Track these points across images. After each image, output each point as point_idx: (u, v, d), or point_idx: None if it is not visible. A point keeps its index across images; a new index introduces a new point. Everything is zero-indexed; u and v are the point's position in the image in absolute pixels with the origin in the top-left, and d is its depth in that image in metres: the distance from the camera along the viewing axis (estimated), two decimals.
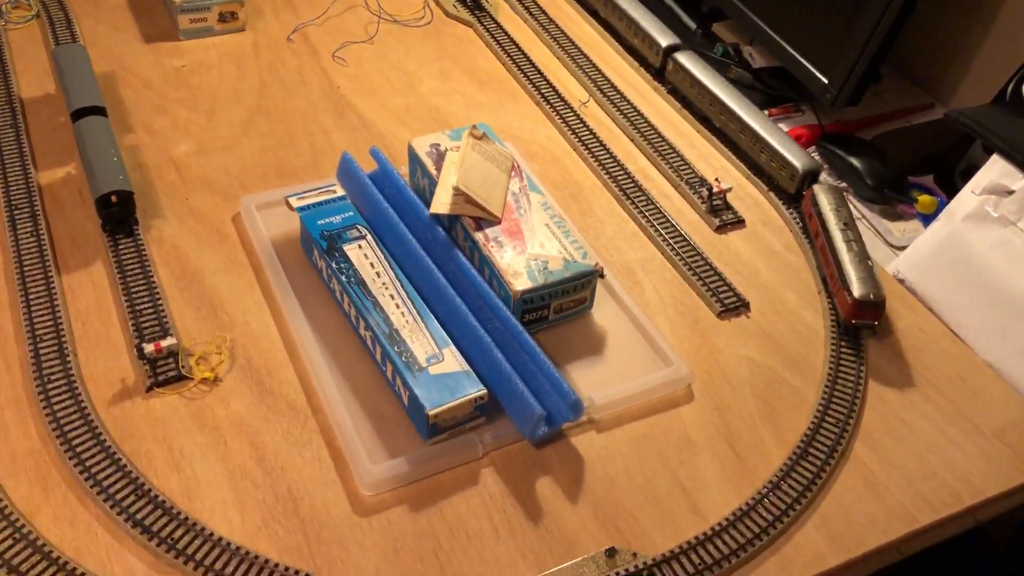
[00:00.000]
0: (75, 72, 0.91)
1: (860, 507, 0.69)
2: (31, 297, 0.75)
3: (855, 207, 0.97)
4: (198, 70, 1.03)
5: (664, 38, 1.07)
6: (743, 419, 0.74)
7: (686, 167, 0.96)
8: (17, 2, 1.08)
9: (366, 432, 0.69)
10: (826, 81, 1.00)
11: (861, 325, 0.79)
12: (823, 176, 0.92)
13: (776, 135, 0.95)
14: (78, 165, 0.89)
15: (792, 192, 0.93)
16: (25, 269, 0.77)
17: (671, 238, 0.88)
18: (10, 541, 0.60)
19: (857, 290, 0.78)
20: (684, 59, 1.04)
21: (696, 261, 0.86)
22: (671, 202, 0.93)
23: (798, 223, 0.91)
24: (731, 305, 0.83)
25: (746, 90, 1.07)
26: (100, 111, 0.88)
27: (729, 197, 0.93)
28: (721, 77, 1.02)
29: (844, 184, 1.00)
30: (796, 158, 0.92)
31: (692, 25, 1.22)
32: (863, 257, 0.81)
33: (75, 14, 1.08)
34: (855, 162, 0.98)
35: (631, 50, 1.12)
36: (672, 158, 0.97)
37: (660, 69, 1.08)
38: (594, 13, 1.18)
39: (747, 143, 0.97)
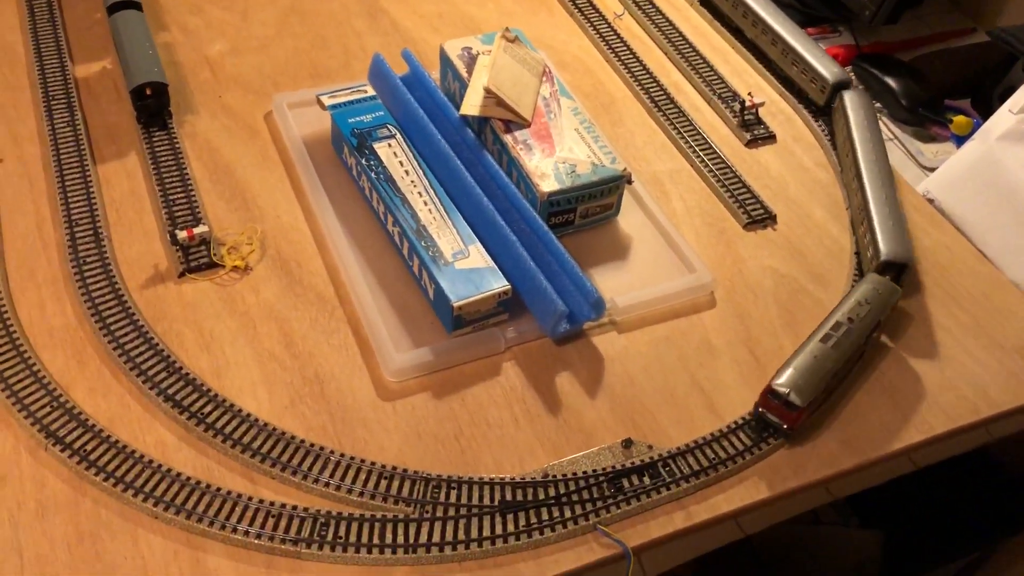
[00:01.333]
0: None
1: (877, 415, 0.69)
2: (67, 184, 0.77)
3: (886, 126, 0.96)
4: None
5: None
6: (764, 326, 0.74)
7: (719, 81, 0.96)
8: None
9: (392, 322, 0.71)
10: None
11: (768, 419, 0.66)
12: (874, 276, 0.73)
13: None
14: (113, 60, 0.90)
15: (821, 104, 0.92)
16: (62, 158, 0.79)
17: (701, 150, 0.88)
18: (48, 409, 0.62)
19: (780, 378, 0.65)
20: None
21: (725, 173, 0.86)
22: (702, 115, 0.93)
23: (828, 140, 0.90)
24: (758, 217, 0.83)
25: (784, 8, 1.05)
26: (135, 5, 0.88)
27: (761, 112, 0.92)
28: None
29: (879, 104, 0.98)
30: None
31: None
32: (829, 357, 0.66)
33: None
34: (890, 81, 0.97)
35: None
36: (705, 72, 0.96)
37: None
38: None
39: (777, 54, 0.96)
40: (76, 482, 0.59)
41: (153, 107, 0.82)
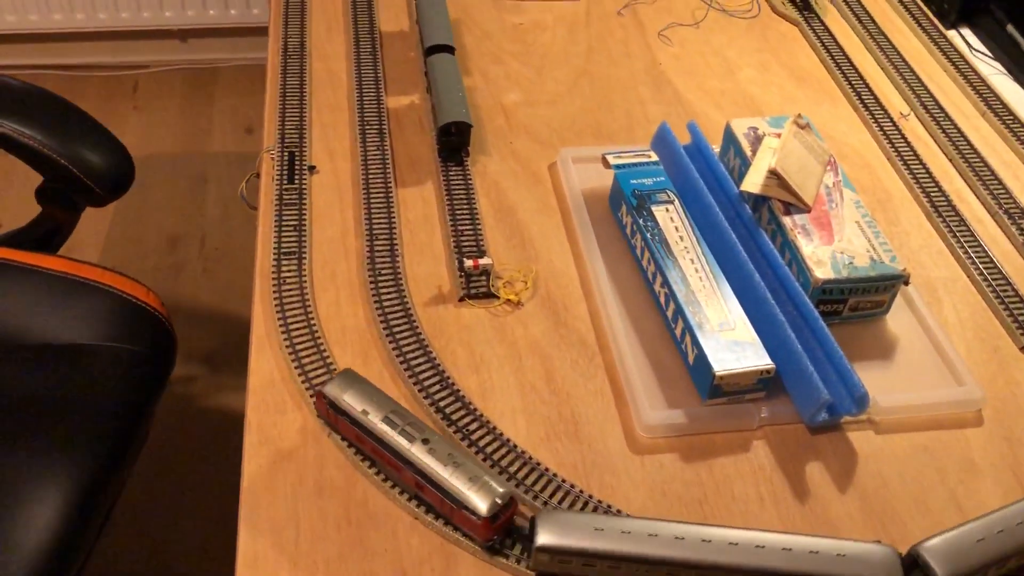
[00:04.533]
0: (433, 13, 1.01)
1: None
2: (372, 201, 0.85)
3: None
4: (533, 29, 1.10)
5: None
6: None
7: (1007, 196, 0.92)
8: None
9: (648, 378, 0.73)
10: None
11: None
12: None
13: None
14: (421, 96, 0.98)
15: None
16: (370, 177, 0.87)
17: (981, 263, 0.85)
18: None
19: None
20: None
21: (1005, 291, 0.82)
22: (984, 228, 0.90)
23: None
24: None
25: None
26: (450, 50, 0.96)
27: None
28: None
29: None
30: None
31: None
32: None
33: None
34: None
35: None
36: (992, 184, 0.93)
37: None
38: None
39: None
40: (350, 471, 0.65)
41: (455, 144, 0.89)
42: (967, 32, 1.24)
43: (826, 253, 0.77)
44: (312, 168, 0.88)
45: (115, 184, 1.00)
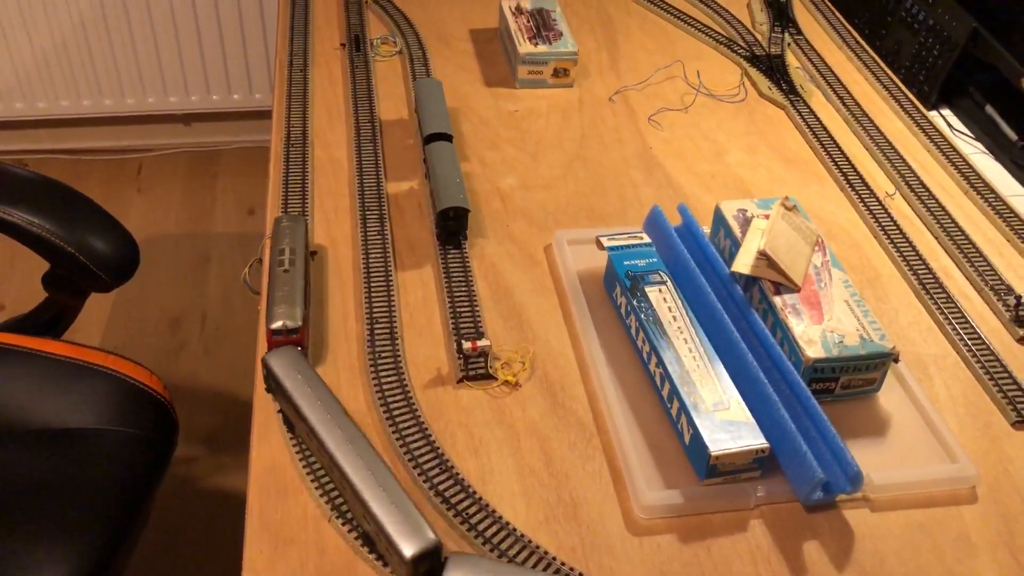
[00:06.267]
0: (431, 102, 1.04)
1: None
2: (372, 285, 0.87)
3: None
4: (528, 116, 1.14)
5: None
6: None
7: (992, 273, 0.94)
8: (385, 39, 1.25)
9: (645, 459, 0.74)
10: None
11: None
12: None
13: None
14: (420, 182, 1.01)
15: None
16: (371, 262, 0.89)
17: (970, 339, 0.86)
18: (335, 485, 0.69)
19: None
20: None
21: (994, 367, 0.84)
22: (972, 304, 0.92)
23: None
24: None
25: None
26: (448, 137, 1.00)
27: None
28: None
29: None
30: None
31: (1012, 136, 1.19)
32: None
33: (431, 54, 1.23)
34: None
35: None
36: (978, 261, 0.96)
37: None
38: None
39: None
40: (350, 556, 0.65)
41: (453, 228, 0.92)
42: (948, 113, 1.28)
43: (816, 332, 0.78)
44: (313, 253, 0.90)
45: (121, 271, 1.02)
